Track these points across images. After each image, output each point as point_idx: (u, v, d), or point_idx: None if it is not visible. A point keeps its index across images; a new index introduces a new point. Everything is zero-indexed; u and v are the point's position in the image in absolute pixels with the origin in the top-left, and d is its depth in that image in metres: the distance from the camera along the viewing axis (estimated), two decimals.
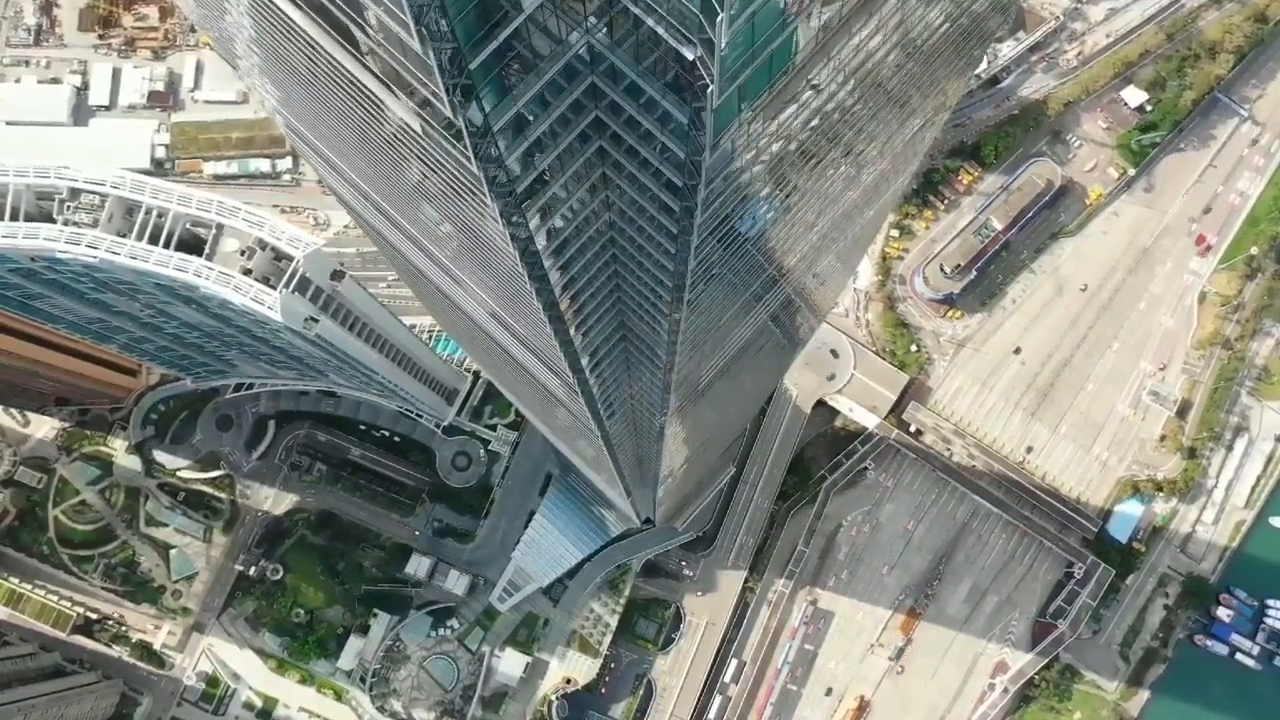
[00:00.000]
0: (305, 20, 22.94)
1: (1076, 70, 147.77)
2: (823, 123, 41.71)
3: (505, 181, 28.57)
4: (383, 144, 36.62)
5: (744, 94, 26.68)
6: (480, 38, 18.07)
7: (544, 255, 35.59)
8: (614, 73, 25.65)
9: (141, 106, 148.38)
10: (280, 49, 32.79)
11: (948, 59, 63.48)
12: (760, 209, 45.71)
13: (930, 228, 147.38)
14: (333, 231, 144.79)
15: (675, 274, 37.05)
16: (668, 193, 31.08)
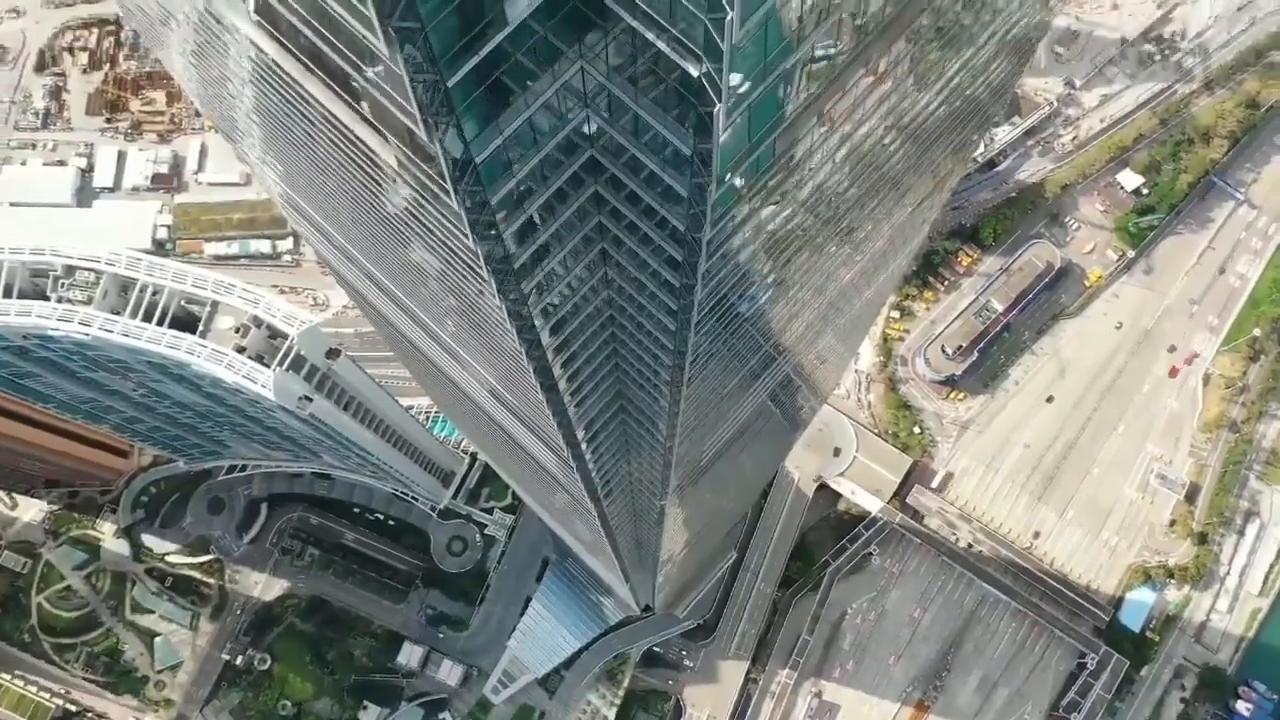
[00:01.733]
0: (304, 75, 22.06)
1: (1072, 154, 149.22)
2: (822, 202, 41.51)
3: (503, 257, 27.87)
4: (382, 218, 36.04)
5: (744, 173, 26.56)
6: (459, 50, 17.05)
7: (542, 332, 34.77)
8: (614, 147, 25.45)
9: (145, 188, 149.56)
10: (280, 114, 32.13)
11: (945, 142, 63.73)
12: (759, 287, 45.18)
13: (931, 309, 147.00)
14: (331, 312, 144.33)
15: (675, 351, 36.26)
16: (668, 269, 30.67)
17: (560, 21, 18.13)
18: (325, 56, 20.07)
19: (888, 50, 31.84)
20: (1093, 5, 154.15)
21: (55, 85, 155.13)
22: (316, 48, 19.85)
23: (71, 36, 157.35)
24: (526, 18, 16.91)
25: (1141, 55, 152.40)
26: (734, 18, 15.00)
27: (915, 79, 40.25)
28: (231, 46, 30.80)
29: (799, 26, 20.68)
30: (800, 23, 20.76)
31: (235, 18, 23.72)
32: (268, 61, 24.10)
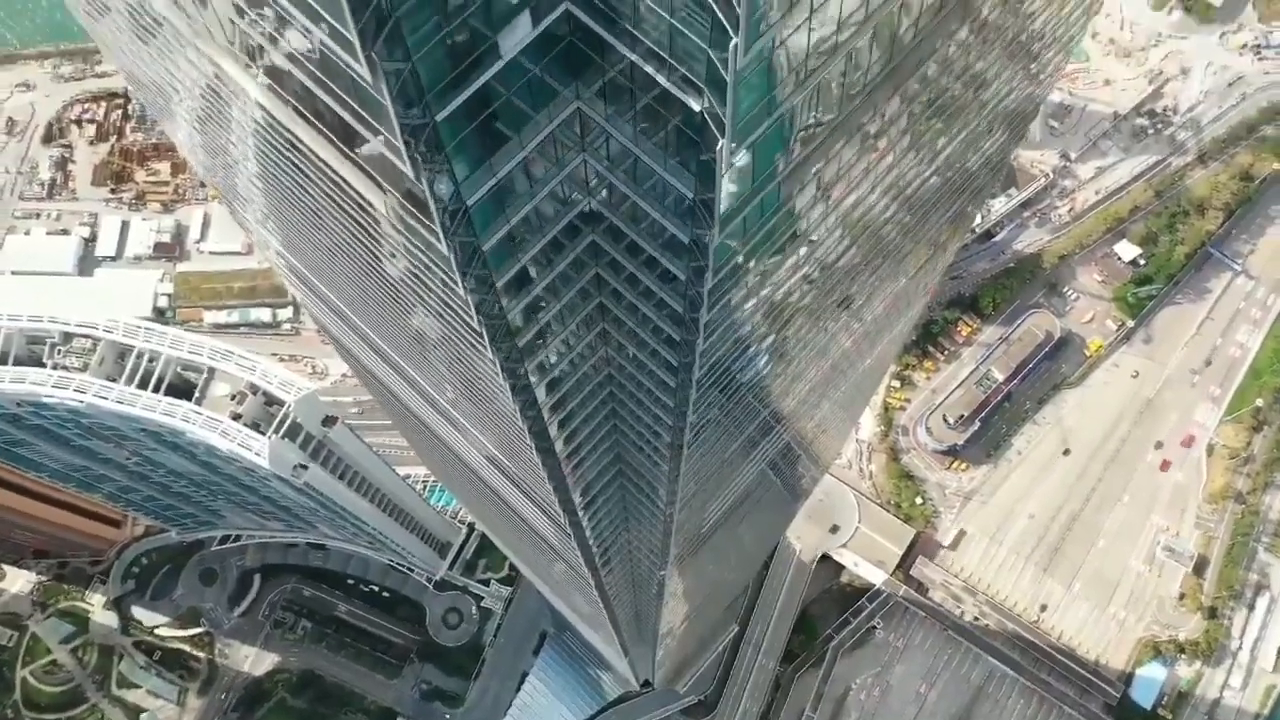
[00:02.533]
0: (306, 130, 21.77)
1: (1069, 225, 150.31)
2: (820, 272, 41.62)
3: (505, 334, 27.91)
4: (382, 283, 35.92)
5: (743, 242, 26.84)
6: (449, 84, 16.56)
7: (540, 398, 34.50)
8: (614, 231, 25.83)
9: (147, 257, 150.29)
10: (281, 175, 32.01)
11: (942, 213, 64.09)
12: (758, 359, 45.02)
13: (931, 378, 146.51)
14: (330, 380, 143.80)
15: (675, 416, 35.95)
16: (667, 347, 30.97)
17: (555, 59, 17.74)
18: (328, 111, 19.78)
19: (883, 121, 32.23)
20: (1085, 81, 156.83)
21: (62, 156, 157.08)
22: (321, 104, 19.52)
23: (80, 109, 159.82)
24: (520, 55, 16.49)
25: (1135, 129, 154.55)
26: (739, 44, 14.54)
27: (911, 151, 40.64)
28: (235, 110, 30.82)
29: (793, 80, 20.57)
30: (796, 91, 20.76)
31: (243, 80, 23.58)
32: (272, 121, 23.93)
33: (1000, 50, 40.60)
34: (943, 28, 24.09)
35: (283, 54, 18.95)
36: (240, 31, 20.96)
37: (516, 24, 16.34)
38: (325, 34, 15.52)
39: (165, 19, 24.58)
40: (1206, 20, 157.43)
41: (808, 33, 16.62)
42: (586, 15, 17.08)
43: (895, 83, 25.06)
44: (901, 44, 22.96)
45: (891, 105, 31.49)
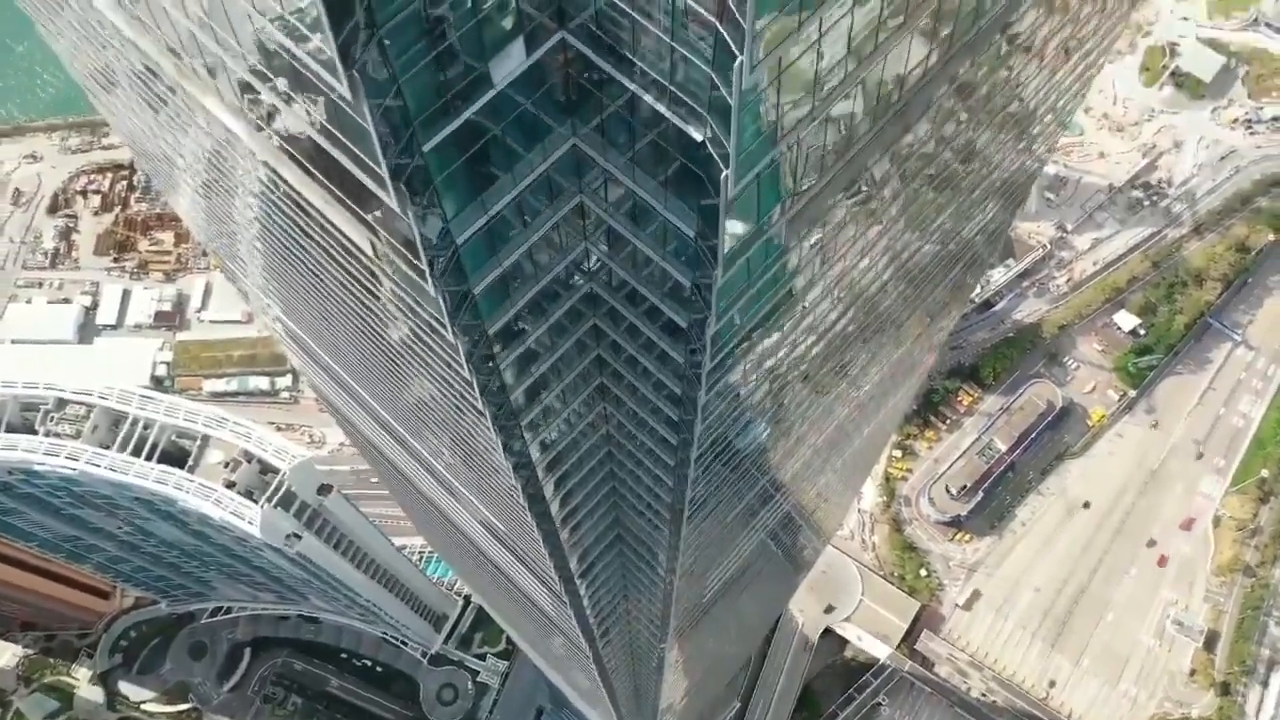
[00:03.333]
0: (309, 185, 21.40)
1: (1067, 295, 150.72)
2: (819, 341, 41.40)
3: (499, 390, 27.30)
4: (381, 345, 35.66)
5: (744, 310, 26.60)
6: (438, 111, 15.99)
7: (538, 467, 33.97)
8: (613, 281, 25.40)
9: (148, 326, 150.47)
10: (283, 236, 31.84)
11: (941, 283, 64.09)
12: (759, 423, 44.49)
13: (933, 448, 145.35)
14: (328, 449, 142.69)
15: (675, 490, 35.23)
16: (669, 404, 30.38)
17: (549, 94, 17.28)
18: (331, 164, 19.36)
19: (876, 185, 32.32)
20: (1080, 154, 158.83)
21: (66, 226, 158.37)
22: (327, 158, 19.10)
23: (86, 180, 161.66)
24: (513, 88, 16.02)
25: (1130, 201, 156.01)
26: (744, 62, 14.07)
27: (908, 220, 40.70)
28: (241, 171, 30.73)
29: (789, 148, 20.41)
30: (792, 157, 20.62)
31: (252, 142, 23.40)
32: (277, 179, 23.65)
33: (995, 124, 40.95)
34: (931, 88, 23.94)
35: (279, 95, 18.53)
36: (249, 96, 20.74)
37: (509, 52, 15.83)
38: (306, 52, 14.95)
39: (178, 85, 24.41)
40: (1197, 96, 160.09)
41: (816, 54, 16.10)
42: (583, 44, 16.59)
43: (884, 143, 24.83)
44: (887, 103, 22.73)
45: (883, 167, 31.57)
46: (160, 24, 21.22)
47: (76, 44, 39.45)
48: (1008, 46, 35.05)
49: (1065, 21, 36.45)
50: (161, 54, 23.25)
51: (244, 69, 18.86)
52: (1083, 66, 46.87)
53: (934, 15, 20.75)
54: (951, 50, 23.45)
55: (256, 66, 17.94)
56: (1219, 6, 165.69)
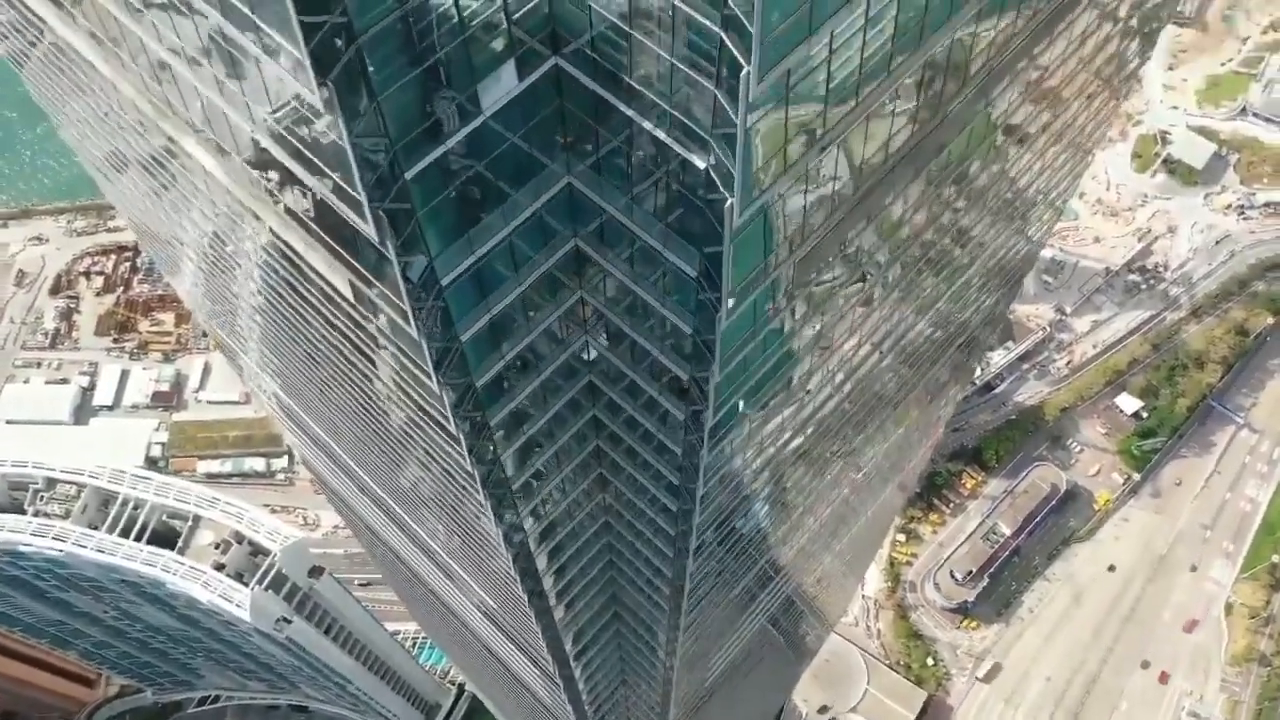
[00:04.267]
0: (312, 249, 20.94)
1: (1068, 378, 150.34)
2: (818, 423, 41.05)
3: (500, 479, 26.78)
4: (376, 423, 35.24)
5: (743, 400, 26.61)
6: (422, 136, 15.07)
7: (536, 551, 33.21)
8: (612, 373, 25.39)
9: (145, 406, 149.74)
10: (285, 307, 31.49)
11: (941, 365, 63.76)
12: (758, 506, 43.88)
13: (937, 532, 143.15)
14: (321, 532, 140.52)
15: (674, 575, 34.30)
16: (667, 494, 30.18)
17: (541, 125, 16.54)
18: (336, 226, 18.92)
19: (879, 279, 32.33)
20: (1075, 238, 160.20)
21: (67, 307, 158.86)
22: (329, 218, 18.67)
23: (89, 261, 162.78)
24: (500, 122, 15.32)
25: (1127, 284, 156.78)
26: (751, 72, 13.37)
27: (906, 301, 40.60)
28: (245, 239, 30.54)
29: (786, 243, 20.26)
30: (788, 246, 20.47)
31: (260, 208, 23.15)
32: (283, 247, 23.29)
33: (991, 209, 41.14)
34: (919, 155, 23.72)
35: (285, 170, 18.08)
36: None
37: (499, 76, 15.05)
38: (280, 63, 14.24)
39: (192, 160, 24.22)
40: (1189, 182, 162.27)
41: (827, 70, 15.44)
42: (577, 69, 15.86)
43: (867, 212, 24.55)
44: (869, 168, 22.43)
45: (881, 252, 31.59)
46: (185, 105, 21.05)
47: (86, 131, 39.92)
48: (1003, 136, 35.42)
49: (1058, 111, 36.95)
50: (180, 132, 23.05)
51: (256, 145, 18.49)
52: (1076, 154, 47.43)
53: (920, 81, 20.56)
54: (936, 121, 23.25)
55: (268, 142, 17.48)
56: (1207, 96, 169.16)
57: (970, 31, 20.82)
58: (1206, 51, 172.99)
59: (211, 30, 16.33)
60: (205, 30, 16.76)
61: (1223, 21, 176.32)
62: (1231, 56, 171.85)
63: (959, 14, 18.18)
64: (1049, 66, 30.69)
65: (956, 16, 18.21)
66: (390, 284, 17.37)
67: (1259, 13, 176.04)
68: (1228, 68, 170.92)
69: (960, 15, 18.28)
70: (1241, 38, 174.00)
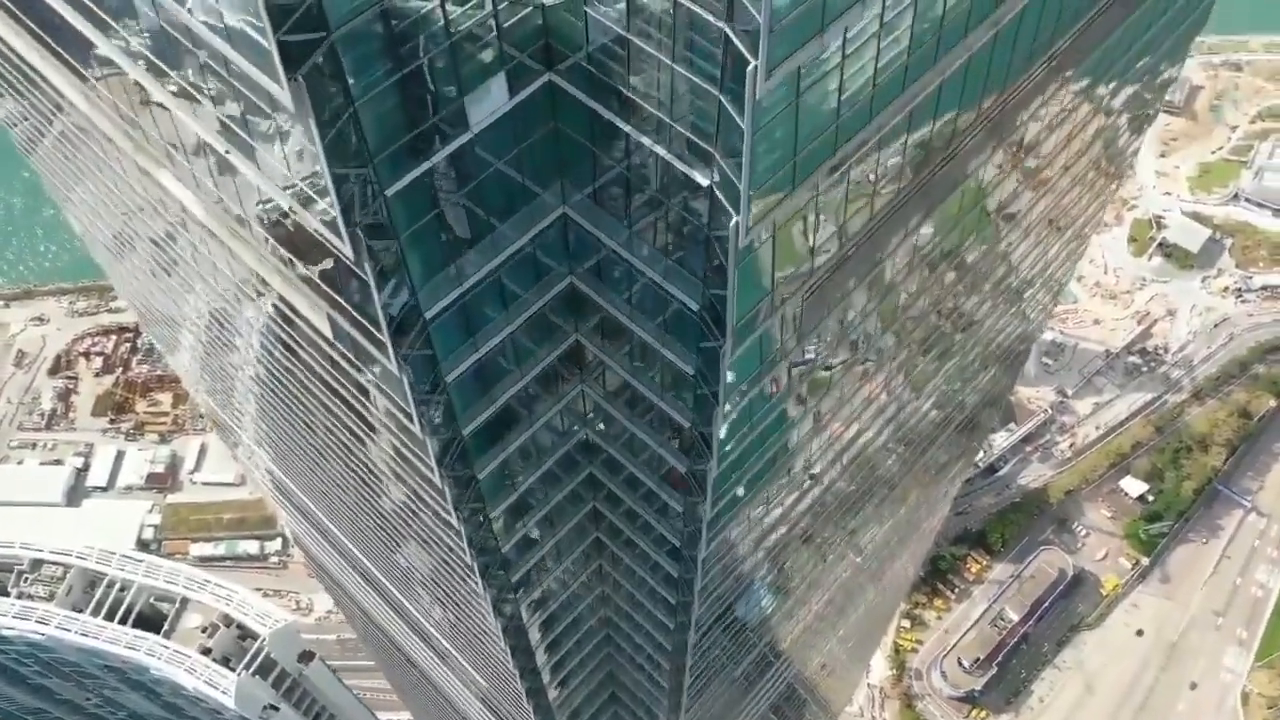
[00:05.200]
0: (313, 309, 20.51)
1: (1072, 460, 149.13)
2: (818, 507, 40.72)
3: (499, 570, 26.27)
4: (369, 490, 34.68)
5: (743, 489, 26.46)
6: (404, 149, 14.17)
7: (535, 644, 32.31)
8: (612, 464, 25.28)
9: (139, 487, 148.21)
10: (286, 375, 31.04)
11: (943, 448, 63.24)
12: (758, 593, 43.34)
13: (943, 618, 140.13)
14: (315, 617, 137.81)
15: (674, 664, 33.32)
16: (665, 586, 29.84)
17: (534, 148, 15.76)
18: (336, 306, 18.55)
19: (878, 356, 32.26)
20: (1075, 320, 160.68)
21: (65, 387, 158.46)
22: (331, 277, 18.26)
23: (89, 342, 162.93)
24: (489, 144, 14.59)
25: (1128, 367, 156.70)
26: (759, 66, 12.64)
27: (908, 387, 40.51)
28: (249, 313, 30.32)
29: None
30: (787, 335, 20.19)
31: (270, 273, 22.90)
32: (287, 312, 22.90)
33: (989, 290, 41.24)
34: (900, 218, 23.45)
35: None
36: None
37: (489, 89, 14.24)
38: (242, 57, 13.47)
39: (208, 235, 24.08)
40: (1186, 266, 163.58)
41: (841, 58, 14.71)
42: (573, 85, 15.04)
43: (854, 273, 24.31)
44: (850, 231, 22.16)
45: (883, 337, 31.45)
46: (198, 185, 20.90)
47: (96, 211, 40.26)
48: (999, 220, 35.66)
49: (1054, 196, 37.38)
50: (200, 208, 22.89)
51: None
52: (1072, 238, 47.86)
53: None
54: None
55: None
56: (1199, 183, 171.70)
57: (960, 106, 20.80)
58: (1196, 140, 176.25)
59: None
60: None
61: (1211, 111, 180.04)
62: (1221, 145, 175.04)
63: (975, 32, 17.94)
64: (1044, 153, 31.03)
65: (972, 34, 17.93)
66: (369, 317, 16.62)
67: (1246, 103, 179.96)
68: (1218, 155, 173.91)
69: (975, 34, 18.02)
70: (1230, 126, 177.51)
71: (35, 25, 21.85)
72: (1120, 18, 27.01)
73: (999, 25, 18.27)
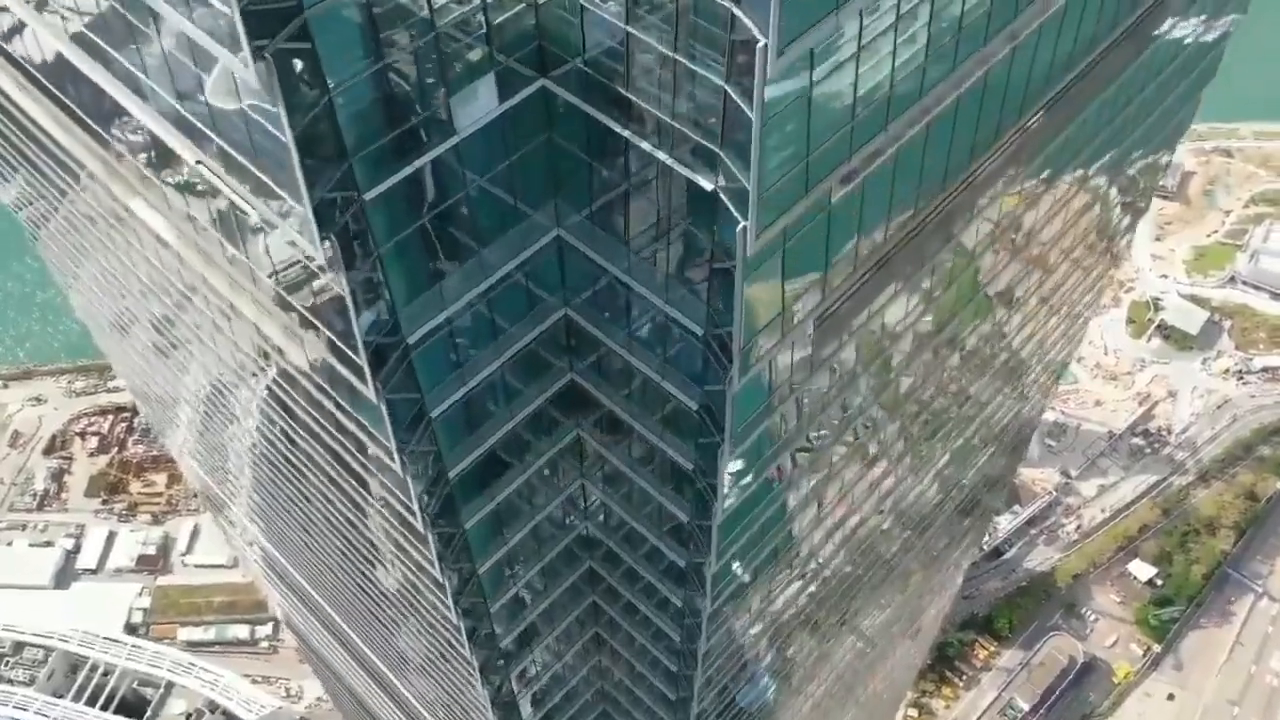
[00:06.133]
0: (315, 384, 20.01)
1: (1078, 543, 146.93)
2: (821, 601, 40.09)
3: (496, 666, 25.59)
4: (361, 564, 33.84)
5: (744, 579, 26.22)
6: (384, 151, 13.16)
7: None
8: (612, 556, 24.94)
9: (129, 570, 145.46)
10: (280, 439, 30.44)
11: (946, 531, 62.26)
12: (760, 683, 42.47)
13: (951, 707, 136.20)
14: (305, 704, 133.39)
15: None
16: (665, 681, 29.36)
17: (528, 161, 14.85)
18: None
19: (882, 442, 32.00)
20: (1076, 401, 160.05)
21: (59, 468, 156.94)
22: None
23: (86, 422, 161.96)
24: (478, 156, 13.80)
25: (1132, 448, 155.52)
26: (770, 44, 11.89)
27: (910, 470, 40.14)
28: (248, 386, 29.93)
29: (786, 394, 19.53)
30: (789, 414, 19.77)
31: (278, 334, 22.46)
32: (292, 374, 22.32)
33: (988, 371, 41.06)
34: (873, 288, 23.06)
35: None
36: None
37: (477, 90, 13.43)
38: (205, 34, 12.71)
39: (191, 333, 23.74)
40: (1185, 347, 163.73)
41: (858, 43, 13.95)
42: (566, 90, 14.05)
43: (839, 334, 23.85)
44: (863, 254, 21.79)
45: (886, 422, 31.04)
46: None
47: (100, 290, 40.24)
48: (1001, 308, 35.63)
49: (1051, 278, 37.42)
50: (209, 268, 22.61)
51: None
52: (1070, 320, 47.86)
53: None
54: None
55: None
56: (1195, 265, 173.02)
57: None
58: (1191, 224, 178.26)
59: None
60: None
61: (1204, 196, 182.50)
62: (1215, 229, 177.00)
63: (994, 41, 17.59)
64: (1041, 237, 31.13)
65: (992, 43, 17.55)
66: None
67: (1239, 188, 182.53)
68: (1213, 239, 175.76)
69: (994, 44, 17.67)
70: (1224, 210, 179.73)
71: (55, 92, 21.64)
72: (1117, 108, 27.27)
73: (1016, 40, 17.96)
